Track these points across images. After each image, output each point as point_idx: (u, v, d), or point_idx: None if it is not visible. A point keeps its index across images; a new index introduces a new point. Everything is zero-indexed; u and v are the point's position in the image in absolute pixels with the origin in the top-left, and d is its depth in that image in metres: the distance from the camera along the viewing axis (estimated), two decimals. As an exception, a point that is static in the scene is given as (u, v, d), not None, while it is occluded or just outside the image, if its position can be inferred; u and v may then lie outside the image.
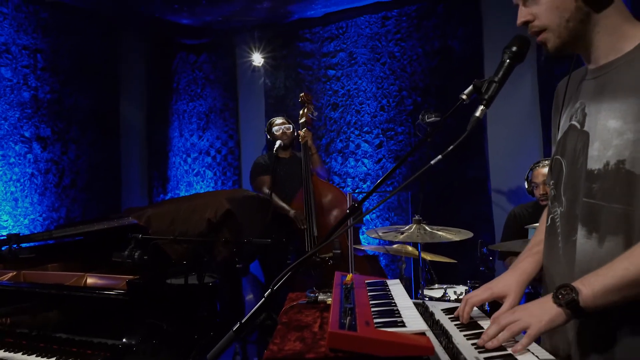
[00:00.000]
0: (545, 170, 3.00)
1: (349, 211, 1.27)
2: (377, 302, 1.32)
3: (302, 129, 4.00)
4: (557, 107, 1.36)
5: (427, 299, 2.83)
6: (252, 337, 3.05)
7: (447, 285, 3.17)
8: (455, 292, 3.06)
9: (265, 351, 1.14)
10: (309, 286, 1.61)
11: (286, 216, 3.86)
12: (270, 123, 4.22)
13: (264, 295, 1.13)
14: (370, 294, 1.41)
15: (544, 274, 1.33)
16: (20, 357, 2.20)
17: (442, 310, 1.43)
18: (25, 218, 4.39)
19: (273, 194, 3.82)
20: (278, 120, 4.19)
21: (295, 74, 5.26)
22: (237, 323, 1.10)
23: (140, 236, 2.27)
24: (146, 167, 5.85)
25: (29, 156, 4.44)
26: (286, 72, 5.30)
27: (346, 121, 5.00)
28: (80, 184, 4.85)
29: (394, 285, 1.51)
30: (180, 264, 2.47)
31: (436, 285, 3.31)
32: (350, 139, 4.97)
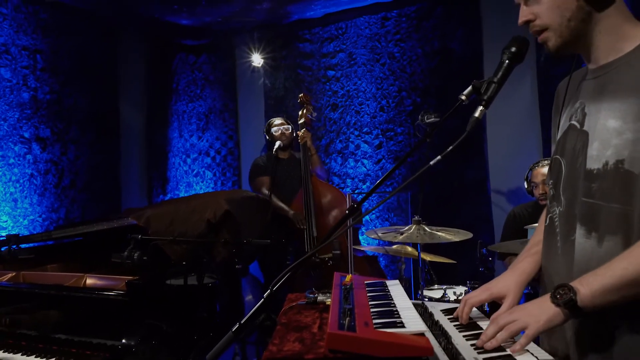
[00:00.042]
0: (545, 170, 3.00)
1: (348, 212, 1.27)
2: (376, 302, 1.32)
3: (301, 129, 4.00)
4: (558, 107, 1.36)
5: (426, 299, 2.83)
6: (251, 337, 3.04)
7: (446, 286, 3.17)
8: (454, 293, 3.06)
9: (264, 352, 1.13)
10: (309, 287, 1.61)
11: (286, 217, 3.86)
12: (269, 124, 4.22)
13: (263, 296, 1.13)
14: (369, 294, 1.41)
15: (543, 273, 1.33)
16: (20, 357, 2.20)
17: (442, 310, 1.44)
18: (24, 219, 4.39)
19: (272, 194, 3.82)
20: (277, 121, 4.19)
21: (294, 75, 5.26)
22: (237, 324, 1.10)
23: (139, 237, 2.27)
24: (146, 167, 5.85)
25: (29, 157, 4.44)
26: (286, 73, 5.30)
27: (346, 122, 5.00)
28: (80, 184, 4.85)
29: (393, 286, 1.51)
30: (179, 265, 2.48)
31: (436, 285, 3.31)
32: (350, 140, 4.97)
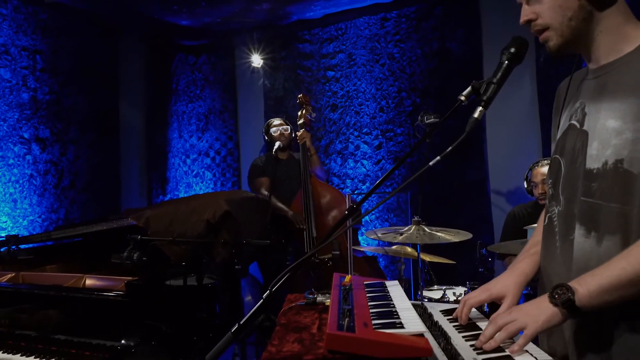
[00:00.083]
0: (545, 169, 3.01)
1: (347, 212, 1.26)
2: (375, 303, 1.31)
3: (300, 130, 4.00)
4: (558, 107, 1.36)
5: (426, 300, 2.83)
6: (250, 338, 3.04)
7: (446, 287, 3.17)
8: (454, 293, 3.05)
9: (263, 353, 1.13)
10: (308, 287, 1.61)
11: (285, 217, 3.86)
12: (268, 124, 4.22)
13: (262, 297, 1.13)
14: (368, 295, 1.41)
15: (542, 273, 1.33)
16: (19, 358, 2.20)
17: (441, 311, 1.43)
18: (24, 219, 4.39)
19: (272, 195, 3.82)
20: (276, 121, 4.19)
21: (294, 75, 5.26)
22: (236, 324, 1.10)
23: (139, 237, 2.27)
24: (145, 168, 5.84)
25: (28, 157, 4.44)
26: (285, 74, 5.30)
27: (345, 122, 5.00)
28: (79, 185, 4.84)
29: (393, 287, 1.51)
30: (179, 265, 2.47)
31: (435, 286, 3.31)
32: (350, 140, 4.97)
